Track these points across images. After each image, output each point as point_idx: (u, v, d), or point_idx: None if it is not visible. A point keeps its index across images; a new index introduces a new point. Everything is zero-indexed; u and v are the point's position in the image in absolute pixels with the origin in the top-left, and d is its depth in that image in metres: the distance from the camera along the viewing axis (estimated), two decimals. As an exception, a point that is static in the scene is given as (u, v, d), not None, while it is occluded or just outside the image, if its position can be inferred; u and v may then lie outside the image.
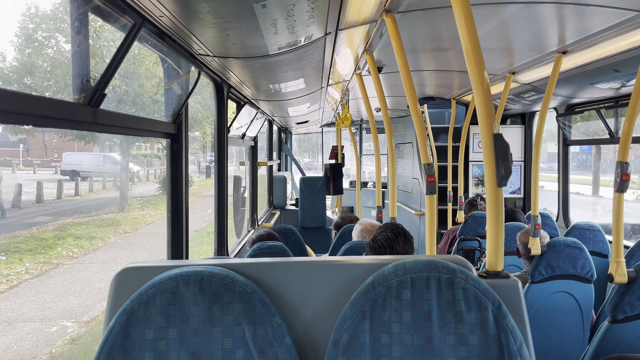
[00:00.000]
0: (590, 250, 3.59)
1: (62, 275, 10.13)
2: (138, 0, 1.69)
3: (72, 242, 12.38)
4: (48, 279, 9.76)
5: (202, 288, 1.34)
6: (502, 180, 1.55)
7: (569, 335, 3.06)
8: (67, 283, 9.64)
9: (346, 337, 1.34)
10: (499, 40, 3.08)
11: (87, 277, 10.13)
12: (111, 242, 13.32)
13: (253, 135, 5.76)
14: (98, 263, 11.26)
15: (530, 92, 4.59)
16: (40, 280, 9.68)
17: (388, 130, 3.30)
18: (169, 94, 2.60)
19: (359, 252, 2.92)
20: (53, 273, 10.23)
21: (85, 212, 17.08)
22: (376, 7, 2.35)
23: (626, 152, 2.77)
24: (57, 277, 9.94)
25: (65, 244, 12.18)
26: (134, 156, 28.84)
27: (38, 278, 9.73)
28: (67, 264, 10.97)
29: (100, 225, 14.84)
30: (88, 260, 11.42)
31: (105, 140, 26.87)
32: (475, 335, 1.33)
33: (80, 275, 10.19)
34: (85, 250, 12.11)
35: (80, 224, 14.82)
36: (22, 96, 1.28)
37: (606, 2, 2.22)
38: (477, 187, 6.51)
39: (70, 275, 10.16)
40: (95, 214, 16.95)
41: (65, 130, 13.57)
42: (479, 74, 1.59)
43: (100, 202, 19.58)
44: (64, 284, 9.55)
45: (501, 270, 1.56)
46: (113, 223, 15.44)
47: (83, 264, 11.02)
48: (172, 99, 2.59)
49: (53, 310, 8.17)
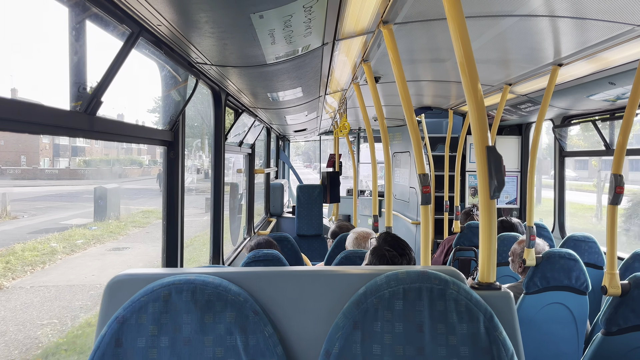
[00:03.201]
0: (586, 262, 3.59)
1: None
2: (136, 9, 1.70)
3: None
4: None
5: (194, 297, 1.35)
6: (495, 192, 1.55)
7: (564, 346, 3.06)
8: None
9: (338, 347, 1.34)
10: (496, 52, 3.11)
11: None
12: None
13: (251, 143, 5.77)
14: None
15: (526, 104, 4.62)
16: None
17: (385, 139, 3.31)
18: (166, 102, 2.61)
19: (354, 261, 2.91)
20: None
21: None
22: (373, 19, 2.36)
23: (620, 164, 2.78)
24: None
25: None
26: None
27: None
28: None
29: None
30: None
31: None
32: (467, 346, 1.33)
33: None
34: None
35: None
36: (18, 104, 1.29)
37: (602, 16, 2.24)
38: (474, 197, 6.52)
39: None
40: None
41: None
42: (473, 86, 1.60)
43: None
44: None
45: (493, 282, 1.57)
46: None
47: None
48: (170, 107, 2.59)
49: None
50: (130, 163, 35.93)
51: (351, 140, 8.55)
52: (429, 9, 2.28)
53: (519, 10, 2.25)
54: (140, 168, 35.63)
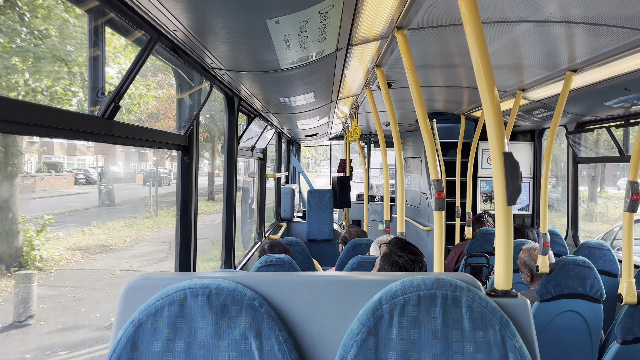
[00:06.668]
0: (600, 270, 3.55)
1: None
2: (154, 15, 1.72)
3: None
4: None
5: (210, 301, 1.35)
6: (512, 198, 1.54)
7: (577, 355, 3.03)
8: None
9: (353, 353, 1.34)
10: (510, 58, 3.10)
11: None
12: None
13: (262, 147, 5.79)
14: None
15: (540, 109, 4.59)
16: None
17: (397, 144, 3.31)
18: (181, 106, 2.63)
19: (366, 267, 2.91)
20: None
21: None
22: (387, 24, 2.37)
23: (637, 171, 2.76)
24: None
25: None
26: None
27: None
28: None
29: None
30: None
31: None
32: (483, 354, 1.33)
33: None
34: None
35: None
36: (37, 108, 1.31)
37: (617, 22, 2.23)
38: (486, 203, 6.48)
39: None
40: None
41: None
42: (490, 91, 1.59)
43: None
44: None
45: (510, 289, 1.55)
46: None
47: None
48: (184, 112, 2.61)
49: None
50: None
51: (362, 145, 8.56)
52: (443, 15, 2.28)
53: (534, 16, 2.24)
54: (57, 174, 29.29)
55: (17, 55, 9.47)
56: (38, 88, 9.95)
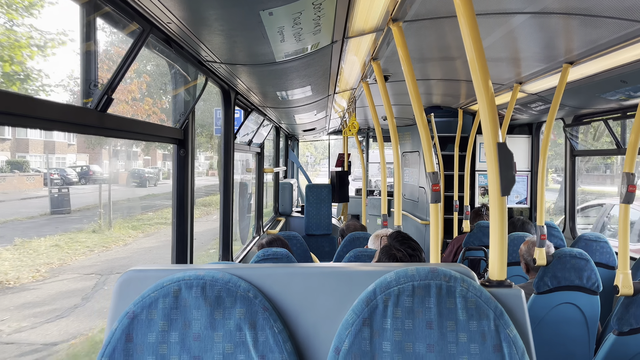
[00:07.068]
0: (597, 262, 3.56)
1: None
2: (146, 7, 1.71)
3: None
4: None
5: (204, 292, 1.35)
6: (506, 189, 1.54)
7: (575, 347, 3.03)
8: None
9: (347, 344, 1.34)
10: (506, 50, 3.09)
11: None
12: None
13: (260, 142, 5.79)
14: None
15: (537, 102, 4.58)
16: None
17: (394, 138, 3.31)
18: (176, 100, 2.62)
19: (364, 260, 2.91)
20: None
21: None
22: (383, 16, 2.36)
23: (632, 163, 2.76)
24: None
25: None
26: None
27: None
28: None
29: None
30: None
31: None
32: (477, 344, 1.33)
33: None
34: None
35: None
36: (30, 100, 1.30)
37: (614, 14, 2.22)
38: (483, 196, 6.48)
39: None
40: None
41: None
42: (484, 84, 1.59)
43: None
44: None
45: (504, 280, 1.55)
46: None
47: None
48: (179, 105, 2.61)
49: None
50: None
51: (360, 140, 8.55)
52: (439, 7, 2.27)
53: (530, 8, 2.23)
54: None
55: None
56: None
